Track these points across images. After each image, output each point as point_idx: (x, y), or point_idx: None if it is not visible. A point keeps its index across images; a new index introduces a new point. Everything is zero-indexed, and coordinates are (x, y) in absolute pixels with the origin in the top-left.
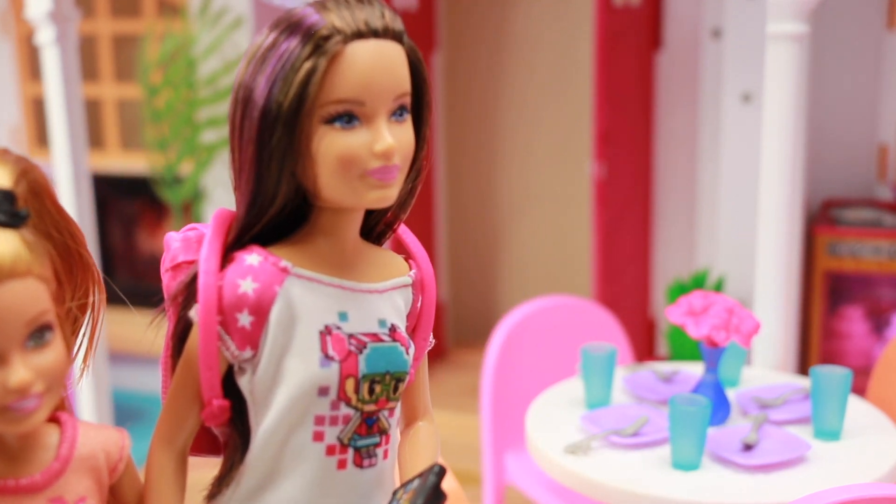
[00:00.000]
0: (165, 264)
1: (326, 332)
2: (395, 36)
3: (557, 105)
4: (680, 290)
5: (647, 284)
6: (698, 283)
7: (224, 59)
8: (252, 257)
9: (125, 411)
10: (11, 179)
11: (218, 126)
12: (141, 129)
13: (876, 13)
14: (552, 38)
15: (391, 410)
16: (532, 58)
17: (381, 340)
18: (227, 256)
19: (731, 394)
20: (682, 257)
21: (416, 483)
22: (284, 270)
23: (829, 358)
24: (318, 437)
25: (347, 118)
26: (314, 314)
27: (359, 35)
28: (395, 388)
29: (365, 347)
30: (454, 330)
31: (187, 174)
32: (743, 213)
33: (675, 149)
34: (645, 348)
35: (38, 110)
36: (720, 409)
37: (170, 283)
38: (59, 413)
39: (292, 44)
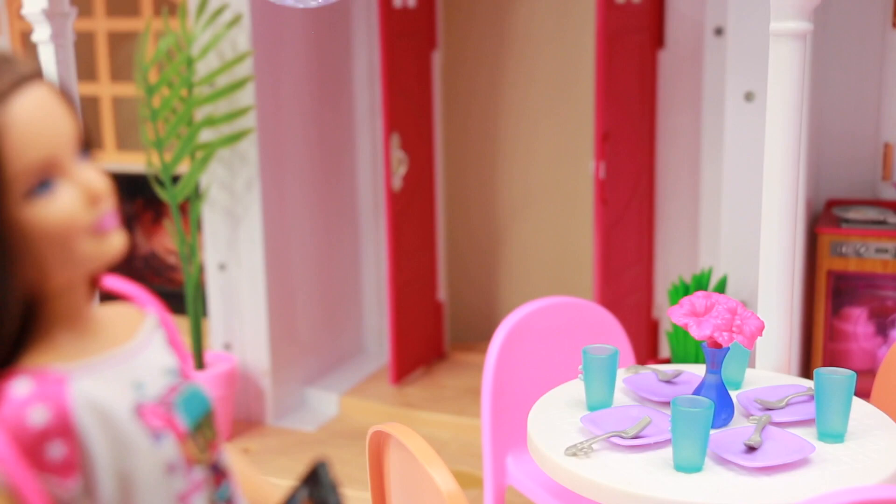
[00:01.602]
0: None
1: (138, 408)
2: None
3: (559, 104)
4: (682, 290)
5: (649, 285)
6: (701, 283)
7: (222, 58)
8: (19, 384)
9: None
10: None
11: (215, 125)
12: (138, 128)
13: (880, 11)
14: (553, 36)
15: (220, 447)
16: (533, 56)
17: (180, 388)
18: None
19: (733, 395)
20: (685, 257)
21: (304, 491)
22: (62, 375)
23: (834, 359)
24: None
25: None
26: (116, 398)
27: None
28: (213, 424)
29: (173, 404)
30: (454, 331)
31: (184, 173)
32: (746, 212)
33: (677, 148)
34: (647, 349)
35: None
36: (723, 410)
37: None
38: None
39: None
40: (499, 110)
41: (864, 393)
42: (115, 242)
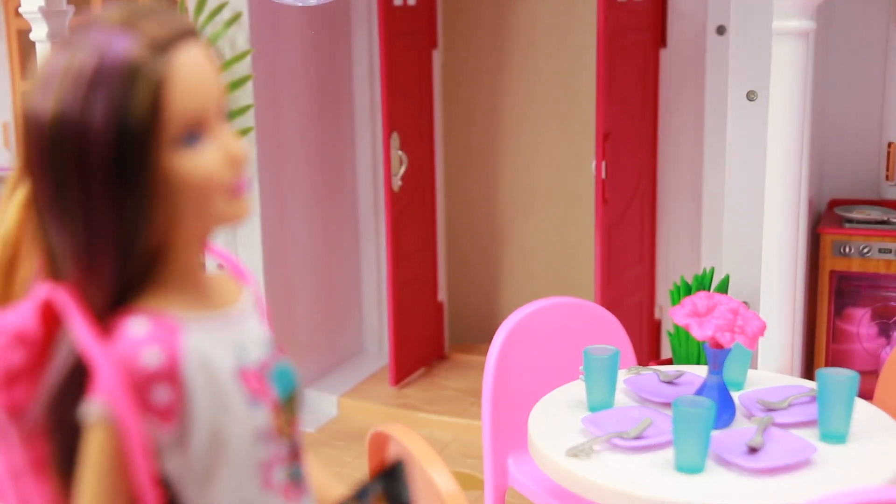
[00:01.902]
0: None
1: (240, 371)
2: None
3: (560, 103)
4: (684, 290)
5: (650, 285)
6: (702, 283)
7: (220, 56)
8: (137, 322)
9: None
10: None
11: None
12: None
13: (883, 10)
14: (554, 34)
15: (300, 427)
16: (534, 55)
17: (276, 360)
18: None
19: (735, 396)
20: (686, 257)
21: (378, 485)
22: (177, 323)
23: (836, 360)
24: (268, 483)
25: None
26: (222, 357)
27: None
28: (298, 403)
29: (270, 374)
30: (454, 331)
31: None
32: (748, 212)
33: (678, 147)
34: (648, 350)
35: None
36: (725, 411)
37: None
38: None
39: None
40: (499, 109)
41: (866, 394)
42: (245, 206)
